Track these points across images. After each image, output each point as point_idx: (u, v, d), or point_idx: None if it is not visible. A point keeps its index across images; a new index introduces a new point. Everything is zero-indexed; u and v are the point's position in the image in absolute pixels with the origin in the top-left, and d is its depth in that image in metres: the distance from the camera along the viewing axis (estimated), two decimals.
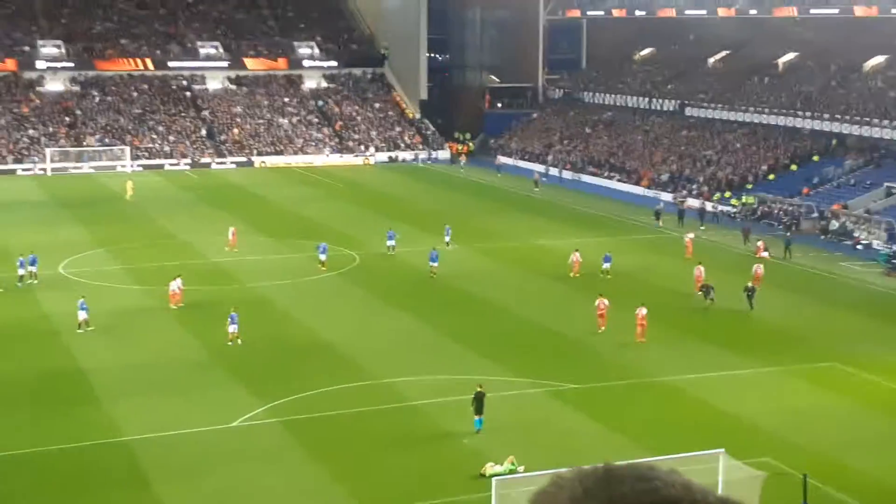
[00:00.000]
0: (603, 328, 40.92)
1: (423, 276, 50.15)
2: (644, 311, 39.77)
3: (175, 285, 44.06)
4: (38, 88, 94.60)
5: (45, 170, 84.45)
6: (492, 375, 35.12)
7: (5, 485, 27.52)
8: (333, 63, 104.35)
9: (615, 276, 48.90)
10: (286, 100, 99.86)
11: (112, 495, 26.99)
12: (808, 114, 77.44)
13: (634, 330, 39.84)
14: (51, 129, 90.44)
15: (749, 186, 72.94)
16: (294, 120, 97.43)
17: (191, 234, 59.50)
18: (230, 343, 38.83)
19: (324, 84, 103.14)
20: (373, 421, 31.63)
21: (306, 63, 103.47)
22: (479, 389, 30.96)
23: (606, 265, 49.90)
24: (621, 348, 39.14)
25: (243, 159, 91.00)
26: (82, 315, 40.44)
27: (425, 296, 46.80)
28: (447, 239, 55.91)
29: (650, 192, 76.75)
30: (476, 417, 30.69)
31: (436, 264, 49.79)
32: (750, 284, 45.09)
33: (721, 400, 33.62)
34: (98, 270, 50.63)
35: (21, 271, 47.32)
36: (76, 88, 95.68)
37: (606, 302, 41.31)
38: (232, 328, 39.04)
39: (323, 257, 51.13)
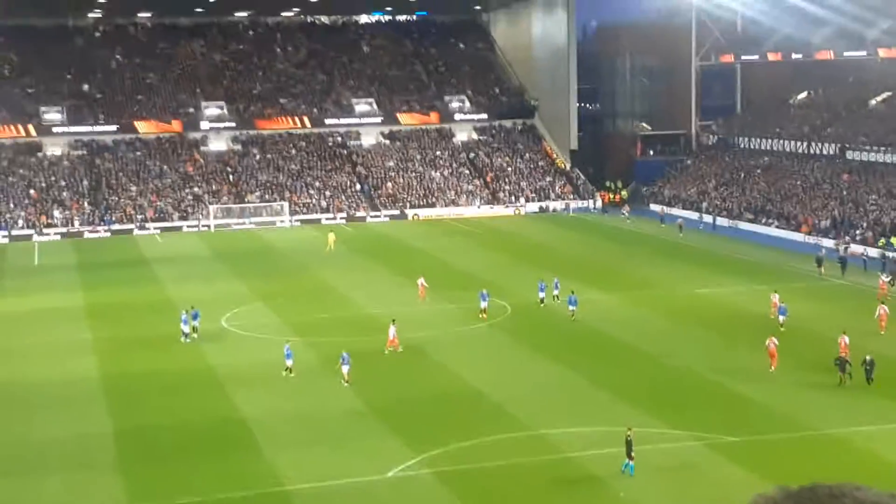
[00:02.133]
0: (773, 368, 40.97)
1: (575, 325, 49.79)
2: (776, 341, 41.57)
3: (392, 331, 45.41)
4: (202, 148, 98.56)
5: (208, 226, 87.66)
6: (647, 427, 34.51)
7: None
8: (484, 115, 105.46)
9: (774, 327, 47.39)
10: (438, 153, 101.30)
11: None
12: None
13: (803, 381, 39.30)
14: (214, 187, 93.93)
15: None
16: (446, 172, 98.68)
17: (348, 286, 60.65)
18: (345, 384, 40.10)
19: (475, 136, 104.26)
20: (527, 473, 31.40)
21: (457, 116, 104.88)
22: (628, 434, 30.99)
23: (782, 318, 47.88)
24: (783, 400, 37.89)
25: (396, 212, 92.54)
26: (289, 362, 42.06)
27: (578, 345, 46.41)
28: (556, 292, 54.54)
29: (811, 239, 74.54)
30: (628, 461, 30.70)
31: (574, 308, 50.50)
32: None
33: (890, 452, 32.14)
34: (259, 323, 52.06)
35: (185, 327, 48.80)
36: (237, 147, 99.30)
37: (776, 341, 41.79)
38: (345, 368, 40.59)
39: (484, 304, 51.47)
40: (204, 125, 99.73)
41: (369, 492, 30.45)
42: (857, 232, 72.83)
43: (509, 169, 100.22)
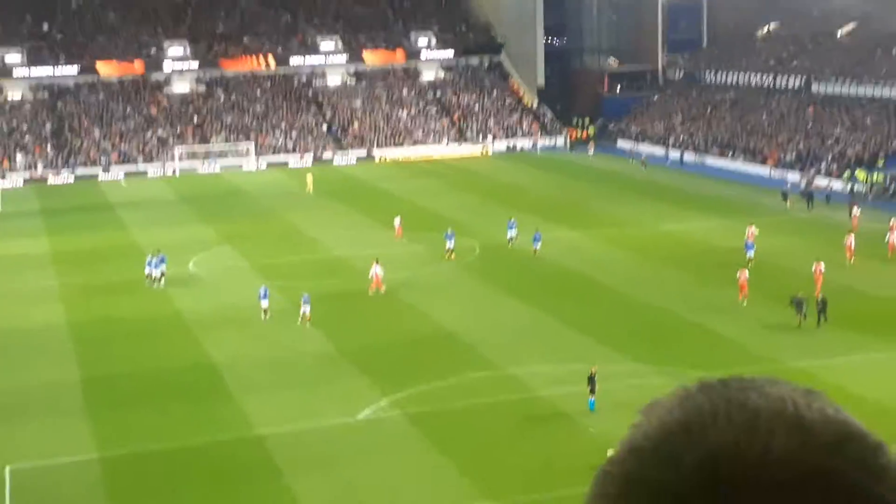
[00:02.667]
0: (743, 300, 41.86)
1: (543, 265, 49.94)
2: (746, 273, 42.51)
3: (374, 270, 45.41)
4: (165, 90, 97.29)
5: (173, 169, 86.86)
6: (616, 364, 34.82)
7: (144, 480, 28.42)
8: (450, 52, 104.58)
9: (742, 261, 47.62)
10: (404, 92, 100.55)
11: (245, 489, 27.59)
12: None
13: (771, 315, 39.98)
14: (178, 130, 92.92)
15: (880, 164, 70.47)
16: (412, 112, 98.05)
17: (316, 229, 60.41)
18: (300, 323, 40.77)
19: (441, 75, 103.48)
20: (497, 412, 31.64)
21: (423, 55, 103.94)
22: (592, 371, 31.68)
23: (750, 253, 48.25)
24: (751, 334, 38.28)
25: (363, 153, 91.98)
26: (265, 303, 42.02)
27: (547, 284, 46.56)
28: (512, 233, 53.63)
29: (777, 173, 74.87)
30: (590, 398, 31.38)
31: (538, 245, 51.48)
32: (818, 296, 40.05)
33: (856, 384, 32.57)
34: (227, 266, 51.84)
35: (149, 270, 48.44)
36: (202, 89, 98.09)
37: (747, 274, 42.62)
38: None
39: (450, 244, 51.46)
40: (167, 66, 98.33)
41: (340, 434, 30.60)
42: (822, 165, 73.20)
43: (476, 107, 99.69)
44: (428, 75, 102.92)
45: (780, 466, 1.27)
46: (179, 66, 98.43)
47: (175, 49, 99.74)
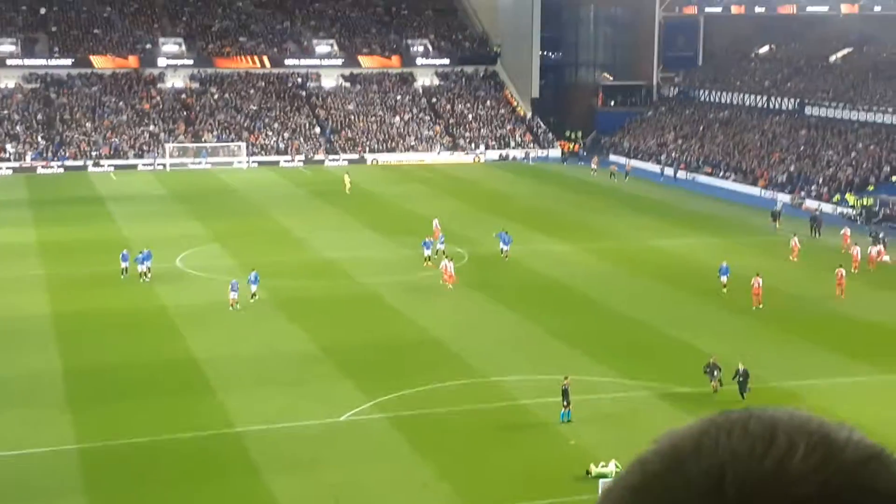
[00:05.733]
0: (757, 305, 43.32)
1: (533, 275, 49.91)
2: (760, 280, 43.42)
3: (447, 266, 47.00)
4: (159, 85, 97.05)
5: (164, 165, 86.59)
6: (600, 376, 34.78)
7: (121, 472, 28.22)
8: (446, 60, 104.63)
9: (732, 280, 47.47)
10: (399, 97, 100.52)
11: (222, 485, 27.43)
12: None
13: (755, 333, 40.20)
14: (170, 126, 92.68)
15: (871, 188, 70.69)
16: (406, 117, 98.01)
17: (305, 229, 60.27)
18: (231, 308, 42.21)
19: (436, 81, 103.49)
20: (479, 419, 31.54)
21: (419, 61, 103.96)
22: (565, 383, 31.51)
23: (724, 278, 46.56)
24: (735, 351, 38.23)
25: (356, 156, 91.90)
26: (233, 295, 42.69)
27: (535, 295, 46.50)
28: (506, 248, 53.10)
29: (767, 193, 75.01)
30: (563, 410, 31.24)
31: (507, 247, 52.40)
32: (741, 367, 33.64)
33: (839, 406, 32.56)
34: (214, 264, 51.65)
35: (125, 265, 48.17)
36: (195, 85, 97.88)
37: (761, 281, 43.65)
38: (232, 295, 42.68)
39: (427, 252, 51.44)
40: (161, 62, 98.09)
41: (321, 435, 30.46)
42: (813, 187, 73.39)
43: (470, 116, 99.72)
44: (423, 82, 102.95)
45: (797, 481, 1.15)
46: (174, 63, 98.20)
47: (170, 46, 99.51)
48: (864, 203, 68.08)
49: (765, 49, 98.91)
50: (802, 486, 1.14)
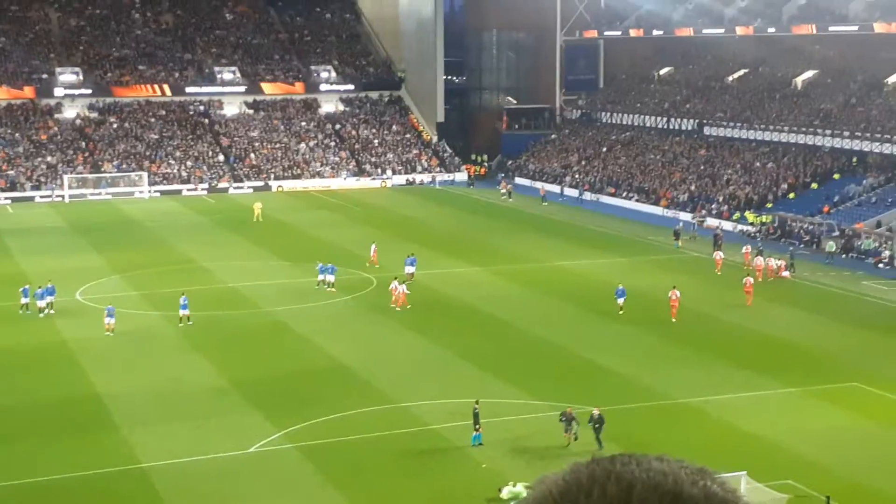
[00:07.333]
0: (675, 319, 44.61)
1: (441, 298, 49.87)
2: (678, 293, 44.88)
3: (400, 288, 47.45)
4: (56, 115, 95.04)
5: (62, 196, 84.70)
6: (512, 398, 34.81)
7: None
8: (351, 86, 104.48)
9: (634, 297, 48.04)
10: (303, 124, 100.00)
11: None
12: (827, 132, 76.91)
13: (663, 351, 40.79)
14: (69, 156, 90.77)
15: (769, 205, 72.39)
16: (311, 144, 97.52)
17: (208, 259, 59.40)
18: (181, 325, 43.66)
19: (341, 107, 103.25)
20: (390, 445, 31.30)
21: (323, 87, 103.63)
22: (475, 406, 31.61)
23: (621, 300, 46.72)
24: (643, 370, 38.67)
25: (260, 184, 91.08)
26: (109, 321, 42.56)
27: (444, 319, 46.46)
28: (412, 270, 53.05)
29: (669, 213, 76.30)
30: (475, 433, 31.19)
31: (413, 269, 52.64)
32: (596, 413, 31.63)
33: (743, 421, 33.14)
34: (116, 296, 50.50)
35: (25, 300, 47.08)
36: (94, 115, 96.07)
37: (678, 293, 45.05)
38: (183, 312, 44.01)
39: (322, 277, 51.15)
40: (58, 91, 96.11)
41: (230, 467, 29.90)
42: (714, 206, 74.87)
43: (375, 141, 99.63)
44: (327, 108, 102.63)
45: None
46: (71, 92, 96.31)
47: (67, 75, 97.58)
48: (763, 220, 69.65)
49: (665, 71, 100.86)
50: None
